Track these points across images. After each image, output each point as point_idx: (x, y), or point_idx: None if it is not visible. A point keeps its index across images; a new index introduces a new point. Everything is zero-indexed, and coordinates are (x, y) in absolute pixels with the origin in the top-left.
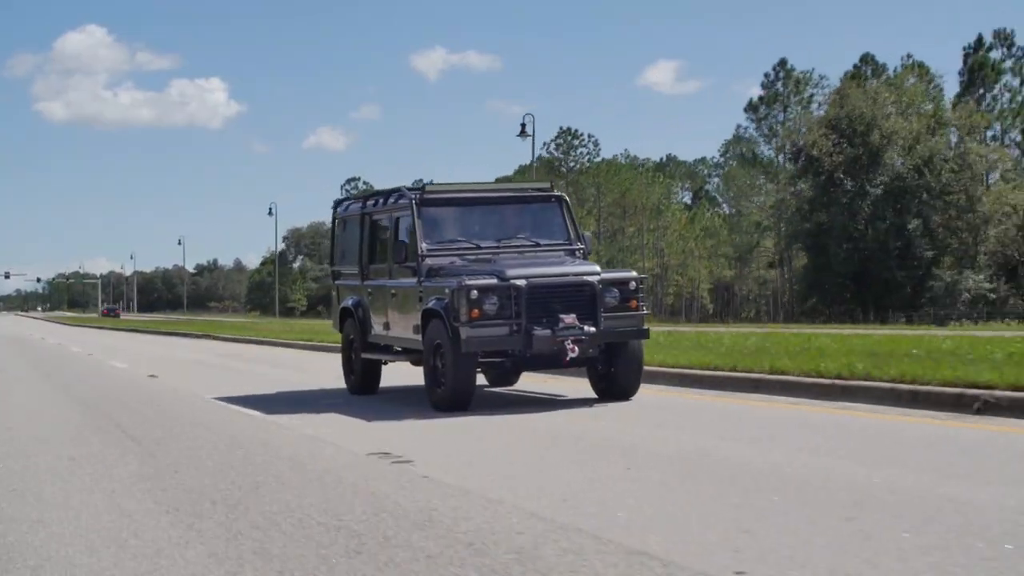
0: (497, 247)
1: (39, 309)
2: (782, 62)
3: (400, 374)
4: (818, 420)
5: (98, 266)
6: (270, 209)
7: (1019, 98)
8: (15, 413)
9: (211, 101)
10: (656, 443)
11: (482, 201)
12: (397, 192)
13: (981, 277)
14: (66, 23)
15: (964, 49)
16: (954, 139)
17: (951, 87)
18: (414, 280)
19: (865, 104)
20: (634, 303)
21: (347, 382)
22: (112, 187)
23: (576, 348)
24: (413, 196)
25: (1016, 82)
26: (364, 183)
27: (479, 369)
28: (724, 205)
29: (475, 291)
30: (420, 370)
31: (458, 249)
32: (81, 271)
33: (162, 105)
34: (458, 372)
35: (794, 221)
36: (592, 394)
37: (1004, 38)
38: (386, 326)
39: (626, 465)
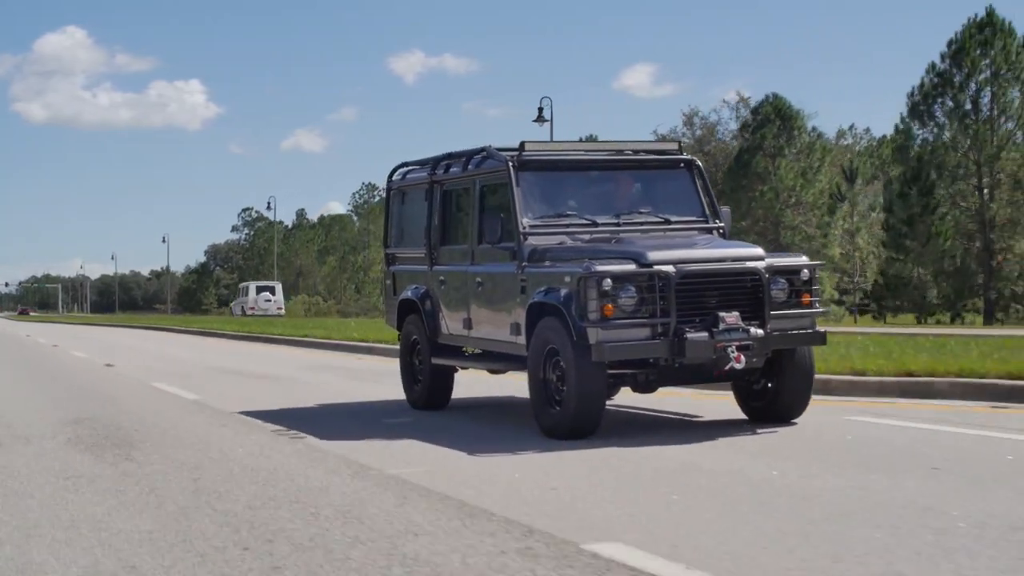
0: (616, 224)
1: None
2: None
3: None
4: None
5: (74, 268)
6: (163, 238)
7: None
8: None
9: (190, 103)
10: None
11: (595, 165)
12: (483, 153)
13: None
14: (45, 24)
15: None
16: None
17: None
18: (512, 265)
19: None
20: (806, 298)
21: (408, 393)
22: (90, 188)
23: (741, 357)
24: (509, 158)
25: None
26: (256, 212)
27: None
28: None
29: (608, 279)
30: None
31: (568, 225)
32: (51, 275)
33: (141, 107)
34: (583, 388)
35: None
36: (735, 412)
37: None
38: (466, 323)
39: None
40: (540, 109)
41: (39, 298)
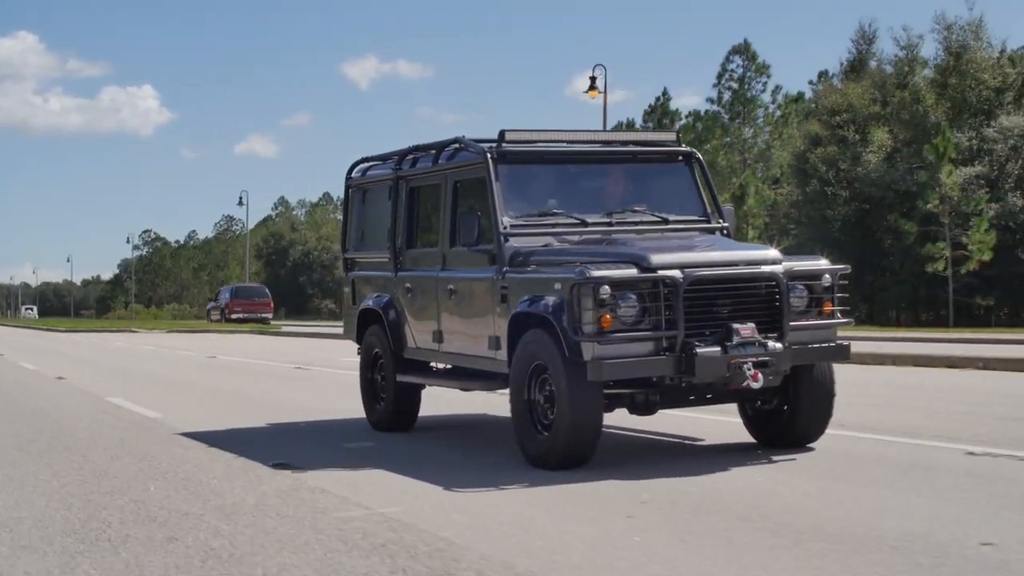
0: (608, 223)
1: None
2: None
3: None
4: None
5: (25, 274)
6: (68, 257)
7: None
8: None
9: (142, 108)
10: None
11: (584, 158)
12: (456, 144)
13: None
14: None
15: None
16: None
17: None
18: (491, 270)
19: None
20: (828, 306)
21: (368, 412)
22: (44, 193)
23: (759, 374)
24: (488, 149)
25: None
26: (155, 234)
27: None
28: None
29: (607, 286)
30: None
31: (554, 225)
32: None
33: (93, 112)
34: (577, 411)
35: None
36: (740, 434)
37: None
38: (436, 336)
39: None
40: (240, 197)
41: None
